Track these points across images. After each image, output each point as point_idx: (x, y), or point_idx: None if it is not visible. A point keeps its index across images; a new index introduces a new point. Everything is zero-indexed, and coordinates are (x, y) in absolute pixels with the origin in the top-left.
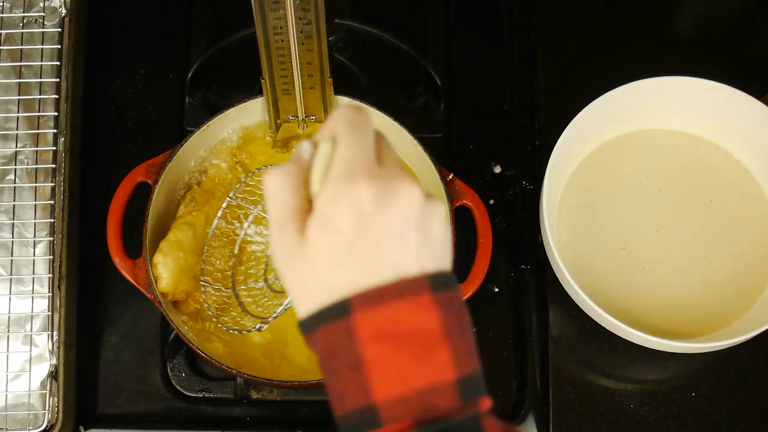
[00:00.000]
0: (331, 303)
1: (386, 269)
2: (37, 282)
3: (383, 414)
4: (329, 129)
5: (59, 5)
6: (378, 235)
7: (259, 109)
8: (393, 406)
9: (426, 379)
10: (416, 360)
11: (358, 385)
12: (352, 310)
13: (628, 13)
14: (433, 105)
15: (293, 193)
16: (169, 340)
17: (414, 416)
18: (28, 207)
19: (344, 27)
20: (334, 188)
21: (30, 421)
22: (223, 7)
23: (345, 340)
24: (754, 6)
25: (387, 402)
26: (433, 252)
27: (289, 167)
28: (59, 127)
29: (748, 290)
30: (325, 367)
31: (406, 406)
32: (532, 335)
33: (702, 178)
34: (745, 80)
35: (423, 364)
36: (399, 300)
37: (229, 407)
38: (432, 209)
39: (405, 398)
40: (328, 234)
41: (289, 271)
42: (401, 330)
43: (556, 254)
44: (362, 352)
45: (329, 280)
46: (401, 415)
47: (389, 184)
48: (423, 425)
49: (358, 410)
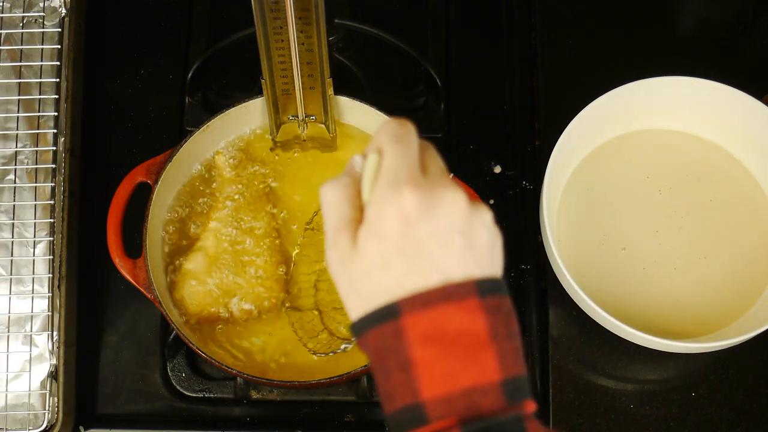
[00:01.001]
0: (380, 306)
1: (433, 273)
2: (37, 282)
3: (430, 412)
4: (376, 142)
5: (59, 5)
6: (424, 240)
7: (259, 110)
8: (439, 405)
9: (471, 379)
10: (462, 361)
11: (406, 384)
12: (401, 312)
13: (628, 13)
14: (433, 105)
15: (347, 204)
16: (169, 340)
17: (459, 415)
18: (28, 207)
19: (344, 27)
20: (380, 197)
21: (30, 421)
22: (223, 7)
23: (394, 341)
24: (754, 6)
25: (434, 401)
26: (479, 257)
27: (343, 179)
28: (59, 127)
29: (748, 290)
30: (376, 368)
31: (452, 404)
32: (532, 335)
33: (702, 178)
34: (745, 80)
35: (469, 366)
36: (446, 304)
37: (229, 407)
38: (477, 215)
39: (451, 397)
40: (376, 240)
41: (342, 277)
42: (448, 332)
43: (556, 254)
44: (410, 353)
45: (379, 284)
46: (447, 413)
47: (433, 191)
48: (467, 423)
49: (406, 408)
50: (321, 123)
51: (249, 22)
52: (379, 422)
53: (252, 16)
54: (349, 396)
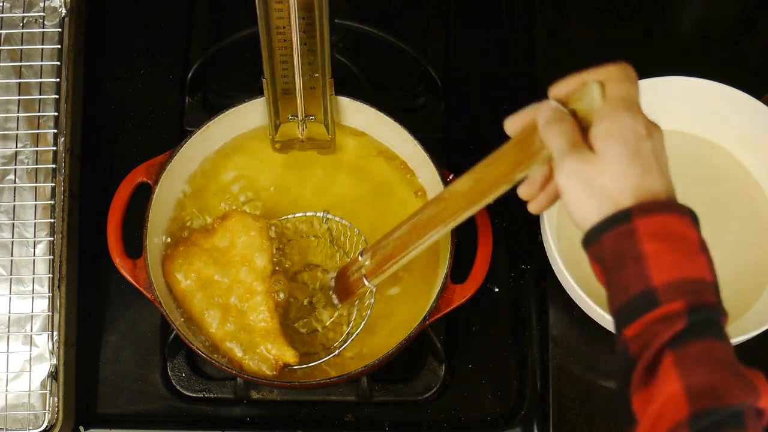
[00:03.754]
0: (616, 211)
1: (661, 179)
2: (37, 282)
3: (661, 296)
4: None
5: (59, 5)
6: (650, 152)
7: (259, 110)
8: (669, 289)
9: (694, 271)
10: (685, 256)
11: (639, 274)
12: (633, 216)
13: (628, 13)
14: (433, 105)
15: (572, 127)
16: (169, 340)
17: (686, 299)
18: (28, 207)
19: (344, 27)
20: (618, 114)
21: (30, 421)
22: (223, 7)
23: (627, 240)
24: (754, 6)
25: (664, 285)
26: None
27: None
28: (59, 127)
29: (748, 290)
30: (609, 268)
31: (679, 289)
32: (532, 335)
33: (702, 178)
34: (745, 80)
35: (690, 260)
36: (671, 214)
37: (229, 407)
38: None
39: (678, 283)
40: (619, 144)
41: (581, 181)
42: (672, 233)
43: (556, 254)
44: (642, 247)
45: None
46: (675, 296)
47: (650, 120)
48: (694, 309)
49: (639, 294)
50: (321, 123)
51: (249, 22)
52: (379, 422)
53: (254, 16)
54: (349, 396)
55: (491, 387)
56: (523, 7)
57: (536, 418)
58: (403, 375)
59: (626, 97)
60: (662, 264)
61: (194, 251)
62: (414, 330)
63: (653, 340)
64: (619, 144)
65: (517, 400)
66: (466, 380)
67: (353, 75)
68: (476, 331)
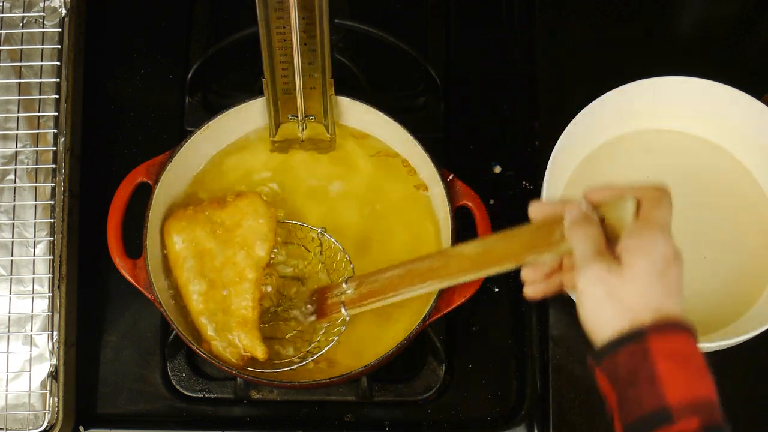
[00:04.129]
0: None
1: (676, 302)
2: (37, 282)
3: (675, 413)
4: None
5: (59, 5)
6: (673, 277)
7: (259, 110)
8: (683, 408)
9: (703, 391)
10: (695, 376)
11: (652, 393)
12: (648, 334)
13: (628, 13)
14: (433, 105)
15: (599, 235)
16: (169, 340)
17: (700, 418)
18: (28, 207)
19: (344, 27)
20: (655, 231)
21: (30, 421)
22: (223, 7)
23: (641, 357)
24: (754, 6)
25: (678, 404)
26: None
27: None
28: (59, 127)
29: (748, 290)
30: (623, 383)
31: (693, 409)
32: (532, 335)
33: (702, 178)
34: (745, 80)
35: (700, 381)
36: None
37: (229, 407)
38: None
39: (691, 402)
40: (646, 260)
41: (602, 290)
42: (682, 353)
43: None
44: (656, 367)
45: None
46: (690, 415)
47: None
48: (708, 428)
49: (653, 411)
50: (321, 123)
51: (249, 22)
52: (379, 422)
53: (254, 16)
54: (349, 396)
55: (491, 387)
56: (523, 7)
57: (536, 418)
58: (403, 375)
59: (661, 221)
60: (675, 384)
61: (200, 218)
62: (414, 330)
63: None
64: (649, 262)
65: (517, 400)
66: (466, 380)
67: (353, 75)
68: (476, 331)
